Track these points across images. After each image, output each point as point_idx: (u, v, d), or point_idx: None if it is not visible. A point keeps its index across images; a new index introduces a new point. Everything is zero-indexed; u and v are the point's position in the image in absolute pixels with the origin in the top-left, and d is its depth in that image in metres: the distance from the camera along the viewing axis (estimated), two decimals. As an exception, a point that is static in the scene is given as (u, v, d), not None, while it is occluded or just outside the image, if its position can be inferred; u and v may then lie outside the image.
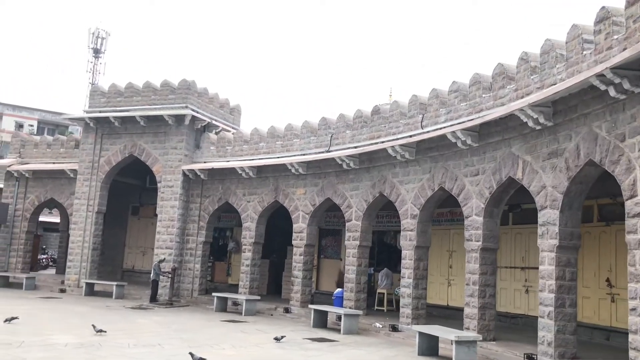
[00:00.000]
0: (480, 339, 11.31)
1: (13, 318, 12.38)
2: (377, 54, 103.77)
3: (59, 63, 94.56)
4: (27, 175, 23.88)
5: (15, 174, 24.08)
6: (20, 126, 57.17)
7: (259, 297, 18.34)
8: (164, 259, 19.99)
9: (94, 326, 11.73)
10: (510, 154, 11.99)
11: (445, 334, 11.22)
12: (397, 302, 17.62)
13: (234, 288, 21.57)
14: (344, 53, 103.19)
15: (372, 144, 15.87)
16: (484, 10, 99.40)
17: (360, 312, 15.04)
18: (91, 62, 57.27)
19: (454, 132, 12.79)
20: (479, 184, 12.74)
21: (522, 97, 11.60)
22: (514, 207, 15.35)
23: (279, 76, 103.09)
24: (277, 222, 20.50)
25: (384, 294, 17.99)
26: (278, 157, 18.97)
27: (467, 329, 12.45)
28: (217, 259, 24.32)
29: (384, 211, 18.29)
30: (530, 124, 10.94)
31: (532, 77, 11.61)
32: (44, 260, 35.17)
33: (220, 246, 24.57)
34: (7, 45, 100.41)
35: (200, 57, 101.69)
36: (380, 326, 14.63)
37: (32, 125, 59.32)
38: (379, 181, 15.76)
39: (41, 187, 23.94)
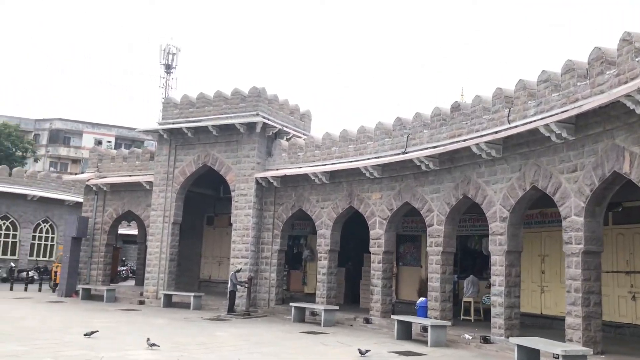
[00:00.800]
0: (591, 352, 10.16)
1: (93, 332, 12.29)
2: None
3: (133, 81, 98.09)
4: (105, 188, 24.35)
5: (94, 188, 24.61)
6: (99, 143, 59.32)
7: (337, 307, 17.68)
8: (241, 268, 19.71)
9: (148, 339, 11.41)
10: (613, 146, 10.79)
11: (548, 347, 10.16)
12: (485, 311, 16.55)
13: (310, 297, 21.04)
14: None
15: (452, 142, 14.91)
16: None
17: (448, 322, 14.09)
18: (163, 78, 58.79)
19: (546, 125, 11.71)
20: (577, 181, 11.58)
21: (626, 82, 10.40)
22: (613, 205, 13.94)
23: (338, 79, 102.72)
24: (351, 229, 19.83)
25: (470, 302, 16.92)
26: (351, 161, 18.30)
27: (570, 340, 11.29)
28: (292, 267, 23.89)
29: (466, 214, 17.24)
30: (639, 111, 9.75)
31: (637, 59, 10.40)
32: (123, 272, 36.01)
33: (294, 254, 24.15)
34: (83, 66, 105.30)
35: (267, 65, 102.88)
36: (470, 337, 13.63)
37: (110, 142, 61.55)
38: (462, 182, 14.78)
39: (119, 200, 24.33)
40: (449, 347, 13.19)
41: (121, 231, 37.19)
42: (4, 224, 31.97)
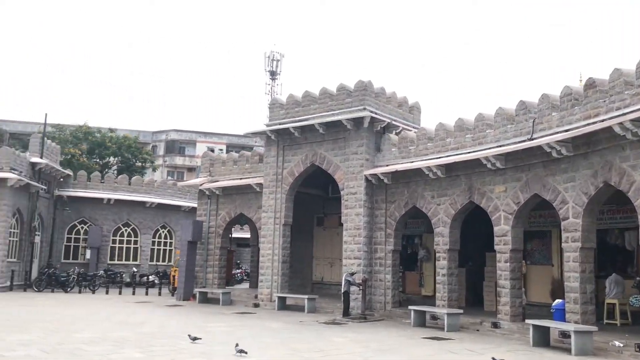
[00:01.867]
0: None
1: (196, 338, 11.93)
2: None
3: (239, 89, 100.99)
4: (217, 192, 24.56)
5: (207, 192, 24.90)
6: (211, 151, 61.31)
7: (461, 311, 16.36)
8: (355, 272, 18.87)
9: (236, 345, 10.78)
10: None
11: None
12: (633, 314, 14.59)
13: (428, 300, 19.85)
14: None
15: (588, 124, 13.18)
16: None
17: (594, 328, 12.39)
18: (268, 85, 59.73)
19: None
20: None
21: None
22: None
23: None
24: (470, 225, 18.40)
25: (614, 304, 14.96)
26: (469, 152, 16.92)
27: None
28: (407, 268, 22.75)
29: (604, 206, 15.31)
30: None
31: None
32: (238, 274, 36.55)
33: (409, 255, 23.01)
34: (192, 78, 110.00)
35: (367, 62, 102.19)
36: (622, 345, 11.86)
37: (221, 150, 63.42)
38: (602, 168, 13.01)
39: (231, 203, 24.45)
40: (596, 355, 11.57)
41: (235, 235, 37.83)
42: (126, 230, 33.48)
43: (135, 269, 31.87)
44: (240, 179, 23.98)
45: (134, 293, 26.29)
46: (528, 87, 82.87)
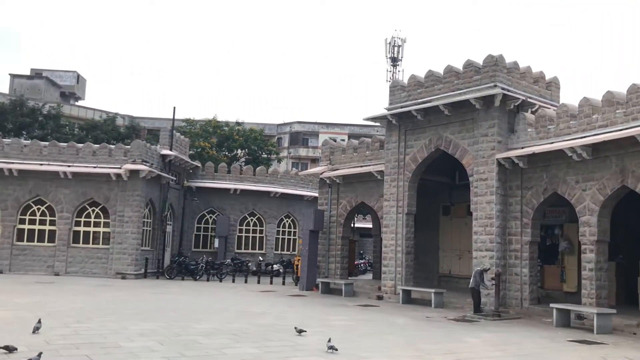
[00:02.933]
0: None
1: (302, 331, 11.23)
2: None
3: (361, 79, 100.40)
4: (337, 181, 23.91)
5: (327, 181, 24.35)
6: (333, 141, 61.33)
7: (614, 311, 14.29)
8: (488, 268, 17.15)
9: (329, 340, 9.81)
10: None
11: None
12: None
13: (571, 297, 17.83)
14: None
15: None
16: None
17: None
18: (389, 72, 58.39)
19: None
20: None
21: None
22: None
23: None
24: (621, 214, 16.10)
25: None
26: (621, 130, 14.72)
27: None
28: (546, 261, 20.61)
29: None
30: None
31: None
32: (362, 265, 35.89)
33: (547, 247, 20.84)
34: (313, 69, 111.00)
35: (495, 43, 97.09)
36: None
37: (343, 140, 63.27)
38: None
39: (351, 191, 23.70)
40: None
41: (357, 225, 37.24)
42: (252, 220, 34.01)
43: (261, 258, 32.26)
44: (361, 166, 23.13)
45: (258, 282, 26.45)
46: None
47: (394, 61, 58.71)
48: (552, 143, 16.61)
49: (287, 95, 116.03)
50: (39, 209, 26.79)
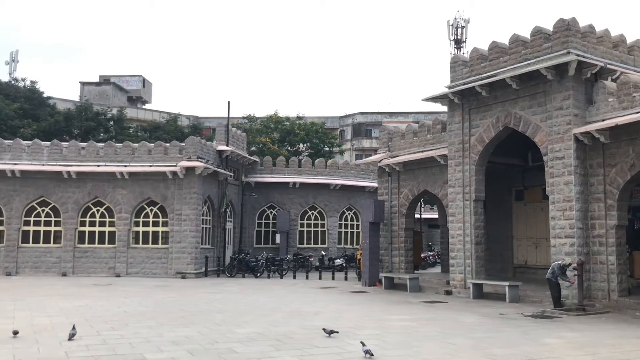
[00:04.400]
0: None
1: (332, 332, 10.00)
2: None
3: (424, 64, 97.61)
4: (397, 168, 22.41)
5: (387, 169, 22.89)
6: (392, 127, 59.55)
7: None
8: (569, 264, 15.09)
9: (362, 343, 8.62)
10: None
11: None
12: None
13: (668, 287, 15.60)
14: None
15: None
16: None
17: None
18: (453, 54, 55.88)
19: None
20: None
21: None
22: None
23: None
24: None
25: None
26: None
27: None
28: (635, 247, 18.37)
29: None
30: None
31: None
32: (430, 257, 34.15)
33: (635, 231, 18.61)
34: (374, 57, 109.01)
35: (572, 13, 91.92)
36: None
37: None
38: None
39: (413, 179, 22.13)
40: None
41: (424, 215, 35.50)
42: (313, 213, 32.96)
43: (323, 253, 31.19)
44: (422, 151, 21.51)
45: (320, 277, 25.37)
46: None
47: (458, 43, 56.18)
48: (639, 112, 14.51)
49: (348, 87, 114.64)
50: (98, 210, 26.74)
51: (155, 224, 26.60)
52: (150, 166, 26.42)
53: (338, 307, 15.40)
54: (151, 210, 26.68)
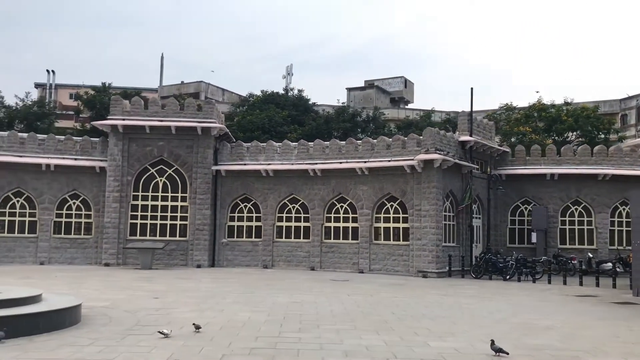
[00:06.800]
0: None
1: (501, 351, 7.42)
2: None
3: None
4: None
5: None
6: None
7: None
8: None
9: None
10: None
11: None
12: None
13: None
14: None
15: None
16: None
17: None
18: None
19: None
20: None
21: None
22: None
23: None
24: None
25: None
26: None
27: None
28: None
29: None
30: None
31: None
32: None
33: None
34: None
35: None
36: None
37: None
38: None
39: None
40: None
41: None
42: (576, 209, 28.69)
43: (590, 255, 26.87)
44: None
45: (580, 283, 21.62)
46: None
47: None
48: None
49: (631, 64, 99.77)
50: (341, 206, 27.07)
51: (396, 220, 25.84)
52: (389, 161, 25.75)
53: (583, 321, 12.37)
54: (391, 206, 26.00)
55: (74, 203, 28.12)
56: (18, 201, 27.58)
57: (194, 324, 9.82)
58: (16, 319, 8.71)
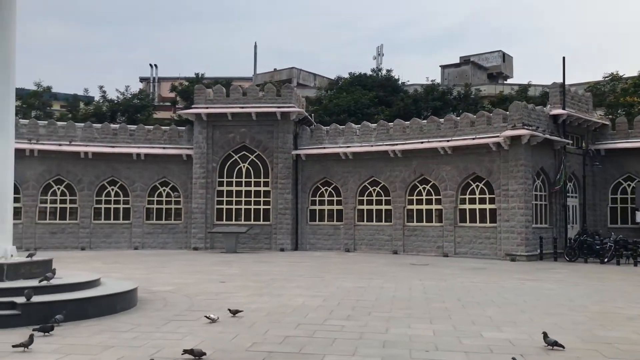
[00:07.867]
0: None
1: (556, 344, 6.67)
2: None
3: None
4: None
5: None
6: None
7: None
8: None
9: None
10: None
11: None
12: None
13: None
14: None
15: None
16: None
17: None
18: None
19: None
20: None
21: None
22: None
23: None
24: None
25: None
26: None
27: None
28: None
29: None
30: None
31: None
32: None
33: None
34: None
35: None
36: None
37: None
38: None
39: None
40: None
41: None
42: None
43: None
44: None
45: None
46: None
47: None
48: None
49: None
50: (424, 188, 26.13)
51: (482, 200, 24.55)
52: (473, 139, 24.46)
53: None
54: (477, 186, 24.73)
55: (164, 190, 29.26)
56: (112, 189, 29.10)
57: (229, 309, 9.69)
58: (65, 304, 8.96)
